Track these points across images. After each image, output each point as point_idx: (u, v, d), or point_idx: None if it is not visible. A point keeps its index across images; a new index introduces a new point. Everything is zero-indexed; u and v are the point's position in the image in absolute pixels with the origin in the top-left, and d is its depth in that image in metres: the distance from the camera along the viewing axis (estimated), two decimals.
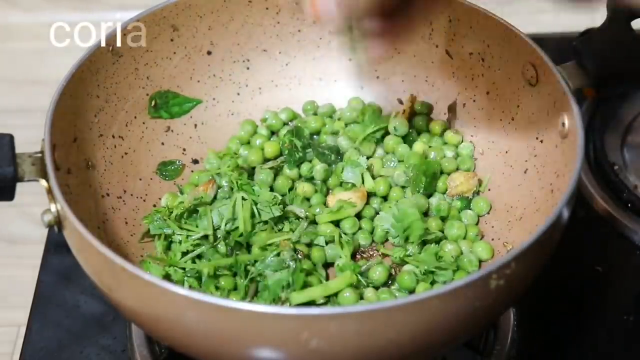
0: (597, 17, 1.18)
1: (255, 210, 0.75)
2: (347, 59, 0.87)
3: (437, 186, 0.80)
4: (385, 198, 0.80)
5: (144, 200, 0.80)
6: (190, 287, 0.72)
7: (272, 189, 0.80)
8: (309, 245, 0.75)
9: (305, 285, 0.71)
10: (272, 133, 0.86)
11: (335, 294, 0.71)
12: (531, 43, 0.74)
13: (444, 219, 0.79)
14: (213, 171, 0.82)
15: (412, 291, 0.73)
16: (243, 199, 0.75)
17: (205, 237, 0.75)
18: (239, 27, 0.85)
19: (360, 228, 0.78)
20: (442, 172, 0.81)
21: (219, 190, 0.79)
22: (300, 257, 0.74)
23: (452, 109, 0.85)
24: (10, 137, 0.67)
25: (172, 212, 0.76)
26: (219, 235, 0.75)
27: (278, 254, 0.72)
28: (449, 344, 0.64)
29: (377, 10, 0.61)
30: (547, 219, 0.62)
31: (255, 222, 0.75)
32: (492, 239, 0.77)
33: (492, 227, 0.78)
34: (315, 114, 0.87)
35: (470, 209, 0.79)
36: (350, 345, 0.57)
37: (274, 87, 0.88)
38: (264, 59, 0.87)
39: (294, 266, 0.71)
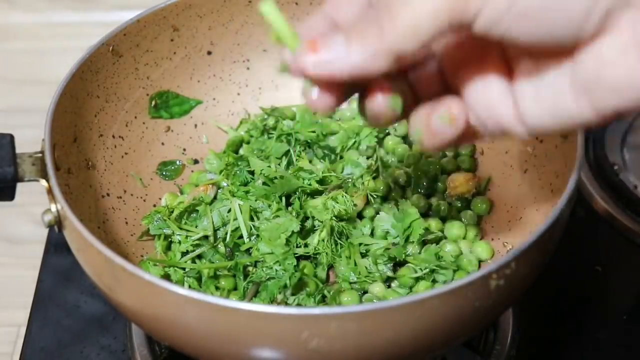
0: None
1: (254, 215, 0.75)
2: None
3: (437, 186, 0.80)
4: (385, 198, 0.80)
5: (144, 200, 0.80)
6: (190, 287, 0.72)
7: None
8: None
9: (302, 285, 0.72)
10: (271, 133, 0.86)
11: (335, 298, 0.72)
12: None
13: (444, 219, 0.79)
14: (213, 171, 0.82)
15: (412, 287, 0.73)
16: (240, 204, 0.75)
17: (206, 237, 0.75)
18: (239, 27, 0.85)
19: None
20: (442, 172, 0.81)
21: (219, 191, 0.79)
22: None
23: None
24: (11, 137, 0.67)
25: (172, 212, 0.76)
26: (219, 236, 0.75)
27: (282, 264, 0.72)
28: (449, 344, 0.64)
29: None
30: (547, 219, 0.62)
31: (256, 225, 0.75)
32: (492, 239, 0.77)
33: (492, 227, 0.78)
34: (315, 113, 0.87)
35: (470, 209, 0.79)
36: (350, 345, 0.57)
37: (274, 87, 0.88)
38: (264, 59, 0.87)
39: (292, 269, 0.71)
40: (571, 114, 0.48)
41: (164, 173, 0.82)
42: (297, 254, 0.74)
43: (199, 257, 0.75)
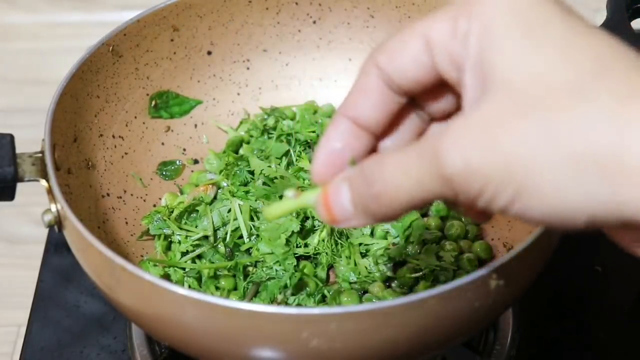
0: (597, 17, 1.19)
1: (254, 215, 0.75)
2: (347, 59, 0.87)
3: None
4: None
5: (144, 200, 0.80)
6: (190, 287, 0.72)
7: None
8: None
9: (302, 285, 0.72)
10: (271, 133, 0.86)
11: (333, 295, 0.72)
12: None
13: (444, 219, 0.79)
14: (213, 171, 0.82)
15: (412, 287, 0.73)
16: (240, 204, 0.75)
17: (206, 237, 0.75)
18: (239, 27, 0.85)
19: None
20: None
21: (219, 191, 0.79)
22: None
23: None
24: (11, 137, 0.67)
25: (172, 212, 0.76)
26: (219, 236, 0.75)
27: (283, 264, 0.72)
28: (449, 344, 0.64)
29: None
30: None
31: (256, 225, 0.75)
32: (492, 239, 0.77)
33: (492, 227, 0.78)
34: (315, 113, 0.87)
35: None
36: (350, 345, 0.57)
37: (274, 87, 0.88)
38: (264, 59, 0.87)
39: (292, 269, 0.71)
40: None
41: (164, 173, 0.82)
42: (297, 254, 0.74)
43: (199, 257, 0.75)
